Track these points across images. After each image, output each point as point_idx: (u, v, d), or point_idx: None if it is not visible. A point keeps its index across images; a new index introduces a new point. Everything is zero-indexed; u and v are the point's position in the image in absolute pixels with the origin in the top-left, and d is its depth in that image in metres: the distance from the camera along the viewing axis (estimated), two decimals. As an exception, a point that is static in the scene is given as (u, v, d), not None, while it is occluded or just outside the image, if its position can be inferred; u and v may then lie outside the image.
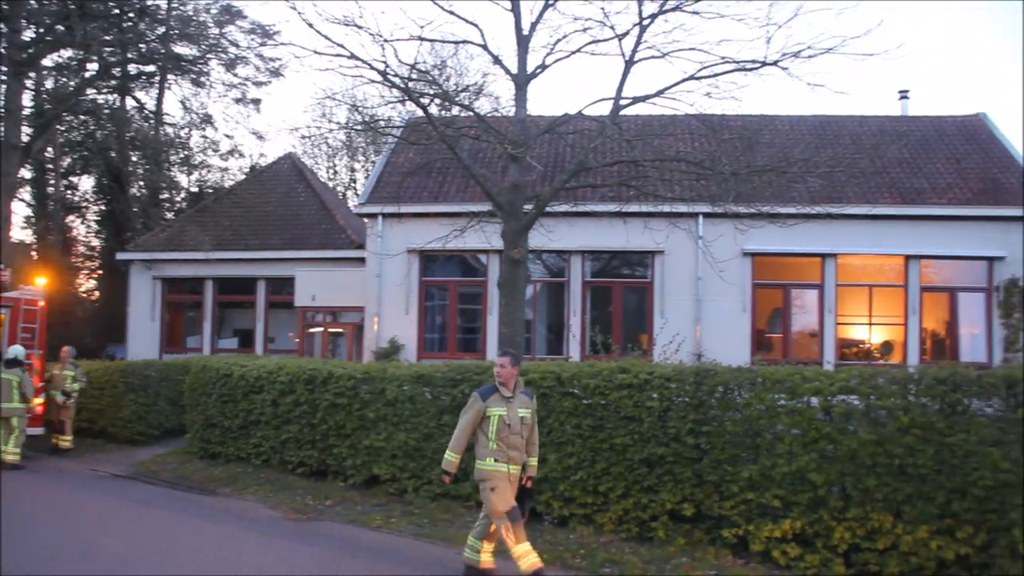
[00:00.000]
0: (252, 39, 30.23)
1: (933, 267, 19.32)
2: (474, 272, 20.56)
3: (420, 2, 13.20)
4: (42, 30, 23.68)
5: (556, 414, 9.55)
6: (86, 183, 37.19)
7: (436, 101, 14.71)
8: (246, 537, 9.37)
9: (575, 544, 8.63)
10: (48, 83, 28.31)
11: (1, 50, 22.60)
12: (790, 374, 8.26)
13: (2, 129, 22.57)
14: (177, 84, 32.98)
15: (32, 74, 25.40)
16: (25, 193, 33.99)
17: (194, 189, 37.78)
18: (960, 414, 7.39)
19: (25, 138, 23.66)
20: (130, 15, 26.60)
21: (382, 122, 18.90)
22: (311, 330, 22.63)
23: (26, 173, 31.55)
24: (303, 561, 8.30)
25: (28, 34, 23.59)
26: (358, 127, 21.99)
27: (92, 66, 27.96)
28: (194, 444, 14.46)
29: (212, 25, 29.39)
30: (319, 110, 39.91)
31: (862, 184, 18.99)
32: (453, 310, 20.48)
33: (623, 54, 13.35)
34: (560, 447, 9.45)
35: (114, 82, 30.43)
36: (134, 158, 32.67)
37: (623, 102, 13.56)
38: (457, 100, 15.54)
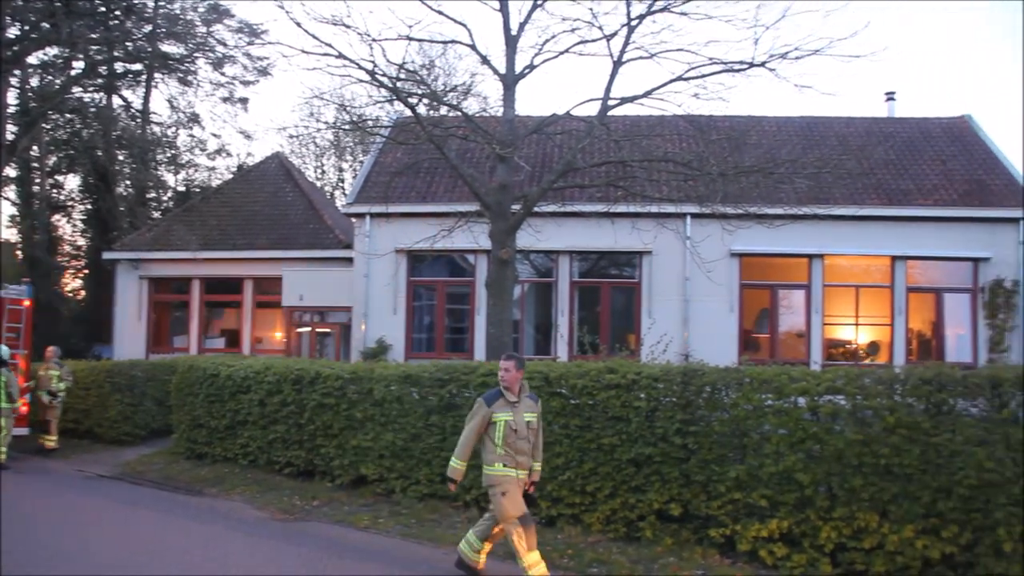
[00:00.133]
0: (240, 38, 30.16)
1: (919, 268, 19.42)
2: (462, 272, 20.55)
3: (408, 2, 13.17)
4: (27, 27, 23.56)
5: (544, 414, 9.55)
6: (72, 182, 37.03)
7: (424, 101, 14.72)
8: (233, 538, 9.34)
9: (563, 544, 8.63)
10: (33, 81, 28.17)
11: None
12: (777, 374, 8.28)
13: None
14: (164, 83, 32.86)
15: (17, 72, 25.30)
16: (10, 192, 33.80)
17: (181, 188, 37.62)
18: (945, 414, 7.43)
19: (10, 136, 23.56)
20: (116, 13, 26.47)
21: (370, 122, 18.89)
22: (299, 330, 22.57)
23: (11, 172, 31.35)
24: (290, 561, 8.28)
25: (13, 31, 23.48)
26: (346, 127, 21.93)
27: (78, 64, 27.82)
28: (181, 444, 14.40)
29: (199, 24, 29.28)
30: (307, 109, 39.88)
31: (849, 185, 19.08)
32: (441, 310, 20.46)
33: (611, 55, 13.39)
34: (548, 447, 9.43)
35: (100, 80, 30.28)
36: (120, 157, 32.49)
37: (611, 102, 13.59)
38: (445, 100, 15.56)
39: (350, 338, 20.62)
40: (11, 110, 24.16)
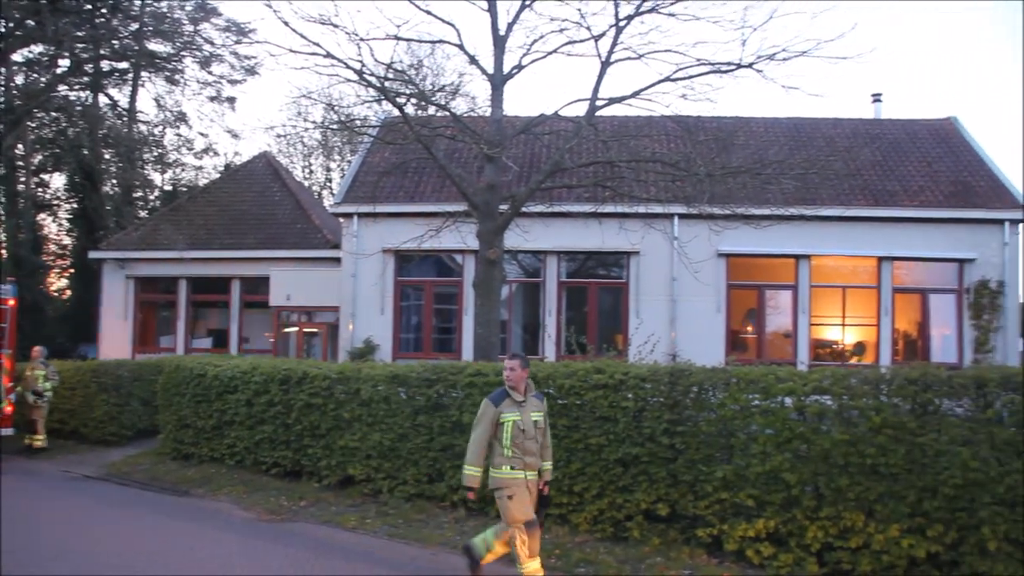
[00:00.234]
0: (227, 37, 30.13)
1: (905, 268, 19.52)
2: (450, 272, 20.53)
3: (396, 1, 13.10)
4: (12, 25, 23.41)
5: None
6: (58, 181, 36.90)
7: (412, 101, 14.70)
8: (219, 538, 9.30)
9: (550, 544, 8.62)
10: (18, 79, 28.02)
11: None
12: (764, 374, 8.30)
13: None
14: (151, 81, 32.80)
15: (2, 69, 25.12)
16: (-5, 190, 33.62)
17: (168, 188, 37.51)
18: (931, 414, 7.47)
19: (-5, 134, 23.41)
20: (103, 11, 26.37)
21: (358, 121, 18.85)
22: (286, 330, 22.51)
23: (-4, 170, 31.21)
24: (277, 562, 8.26)
25: (-2, 28, 23.35)
26: (334, 126, 21.91)
27: (64, 62, 27.71)
28: (167, 445, 14.34)
29: (186, 22, 29.22)
30: (295, 109, 39.88)
31: (836, 186, 19.15)
32: (428, 310, 20.45)
33: (599, 55, 13.40)
34: (535, 447, 9.45)
35: (86, 79, 30.15)
36: (107, 156, 32.36)
37: (599, 103, 13.60)
38: (433, 100, 15.54)
39: (337, 338, 20.59)
40: (-4, 108, 24.03)
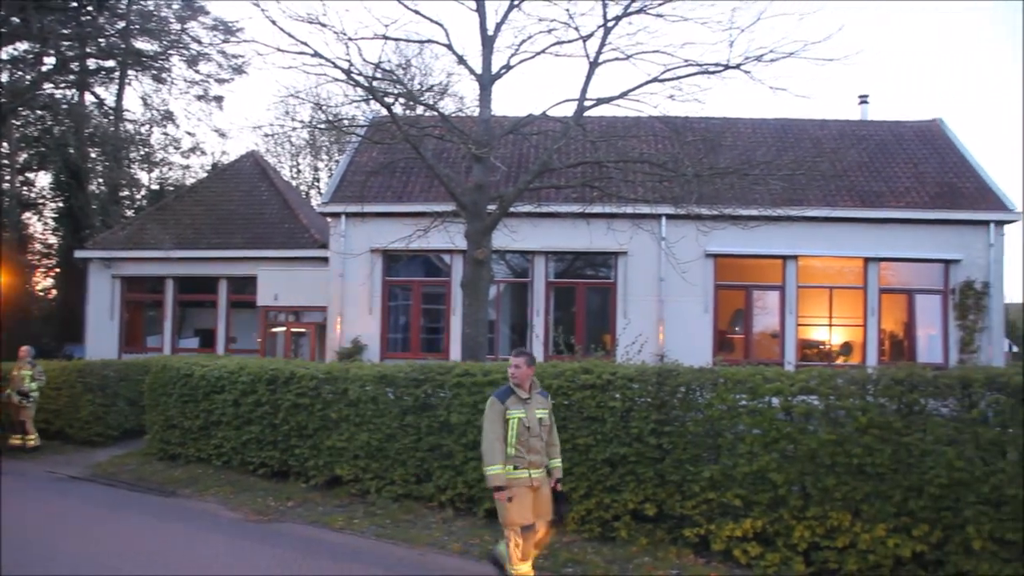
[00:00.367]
0: (214, 35, 30.04)
1: (891, 269, 19.61)
2: (438, 272, 20.52)
3: (385, 1, 13.08)
4: (-3, 22, 23.29)
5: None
6: (43, 179, 36.60)
7: (400, 100, 14.69)
8: (206, 539, 9.27)
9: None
10: (3, 76, 27.85)
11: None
12: (751, 375, 8.33)
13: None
14: (137, 80, 32.64)
15: (-13, 67, 24.98)
16: (-21, 189, 33.39)
17: (155, 187, 37.30)
18: (917, 414, 7.50)
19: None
20: (89, 8, 26.26)
21: (346, 121, 18.81)
22: (273, 330, 22.45)
23: (-20, 168, 31.00)
24: (264, 562, 8.24)
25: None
26: (322, 126, 21.85)
27: (49, 60, 27.56)
28: (154, 445, 14.27)
29: (173, 20, 29.11)
30: (282, 108, 39.67)
31: (822, 187, 19.24)
32: (417, 310, 20.43)
33: (587, 56, 13.42)
34: (523, 447, 9.45)
35: (72, 77, 29.99)
36: (93, 154, 32.18)
37: (587, 103, 13.63)
38: (421, 100, 15.52)
39: (325, 338, 20.54)
40: (-19, 106, 23.88)
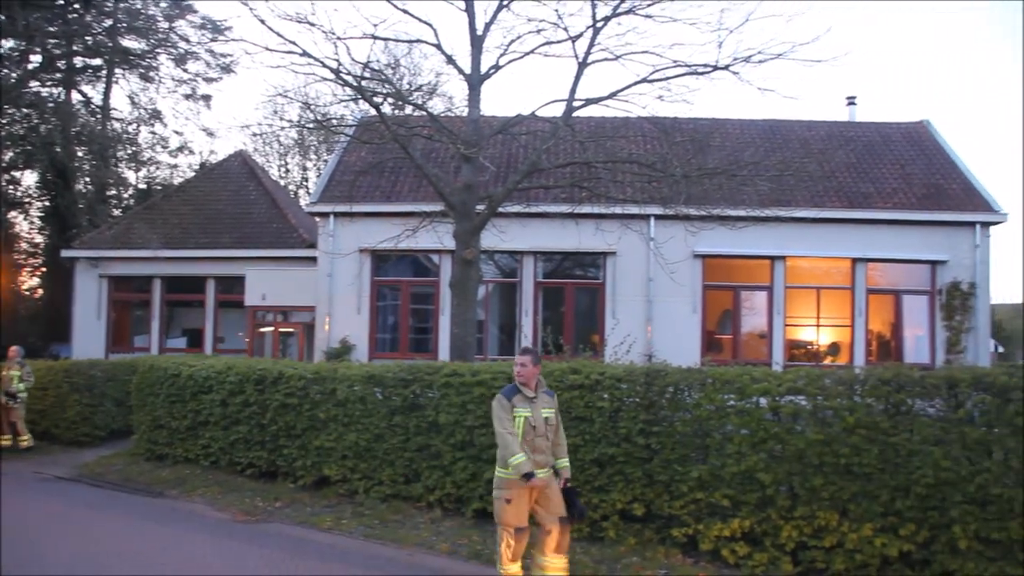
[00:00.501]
0: (203, 34, 29.95)
1: (879, 270, 19.68)
2: (426, 272, 20.50)
3: (374, 1, 13.04)
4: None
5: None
6: (29, 178, 36.33)
7: (389, 100, 14.67)
8: (194, 540, 9.23)
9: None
10: (-11, 74, 27.67)
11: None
12: (739, 375, 8.35)
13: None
14: (125, 78, 32.47)
15: (-28, 65, 24.81)
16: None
17: (142, 186, 37.12)
18: (904, 414, 7.54)
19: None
20: (75, 6, 26.12)
21: (334, 120, 18.80)
22: (261, 330, 22.39)
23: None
24: (252, 563, 8.21)
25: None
26: (310, 125, 21.77)
27: (35, 57, 27.39)
28: (141, 445, 14.21)
29: (161, 19, 29.01)
30: (271, 107, 39.63)
31: (810, 188, 19.31)
32: (405, 310, 20.40)
33: (576, 56, 13.42)
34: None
35: (59, 75, 29.84)
36: (80, 153, 31.97)
37: (576, 104, 13.63)
38: (410, 99, 15.50)
39: (314, 338, 20.49)
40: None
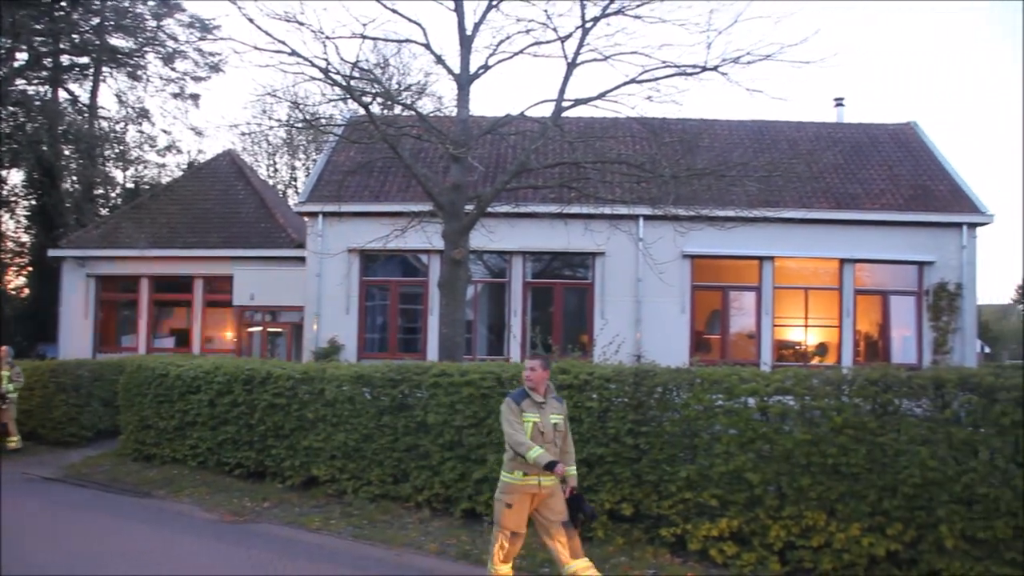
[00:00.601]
0: (191, 33, 29.81)
1: (866, 271, 19.77)
2: (415, 272, 20.48)
3: (363, 0, 12.99)
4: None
5: (496, 415, 9.54)
6: (15, 177, 36.12)
7: (378, 100, 14.63)
8: (181, 540, 9.20)
9: (515, 544, 8.63)
10: (-27, 72, 27.50)
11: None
12: (728, 375, 8.37)
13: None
14: (112, 77, 32.27)
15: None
16: (-50, 187, 32.99)
17: (130, 185, 36.96)
18: (891, 414, 7.57)
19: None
20: (62, 4, 25.98)
21: (323, 120, 18.78)
22: (250, 330, 22.34)
23: (-49, 166, 30.63)
24: (240, 564, 8.18)
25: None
26: (299, 125, 21.75)
27: (21, 55, 27.22)
28: (128, 446, 14.15)
29: (149, 17, 28.88)
30: (259, 107, 39.54)
31: (798, 189, 19.37)
32: (394, 310, 20.38)
33: (565, 56, 13.43)
34: (500, 448, 9.40)
35: (45, 73, 29.66)
36: (67, 152, 31.78)
37: (565, 104, 13.63)
38: (399, 99, 15.47)
39: (302, 338, 20.46)
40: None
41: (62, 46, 27.08)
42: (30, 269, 36.03)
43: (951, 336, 18.99)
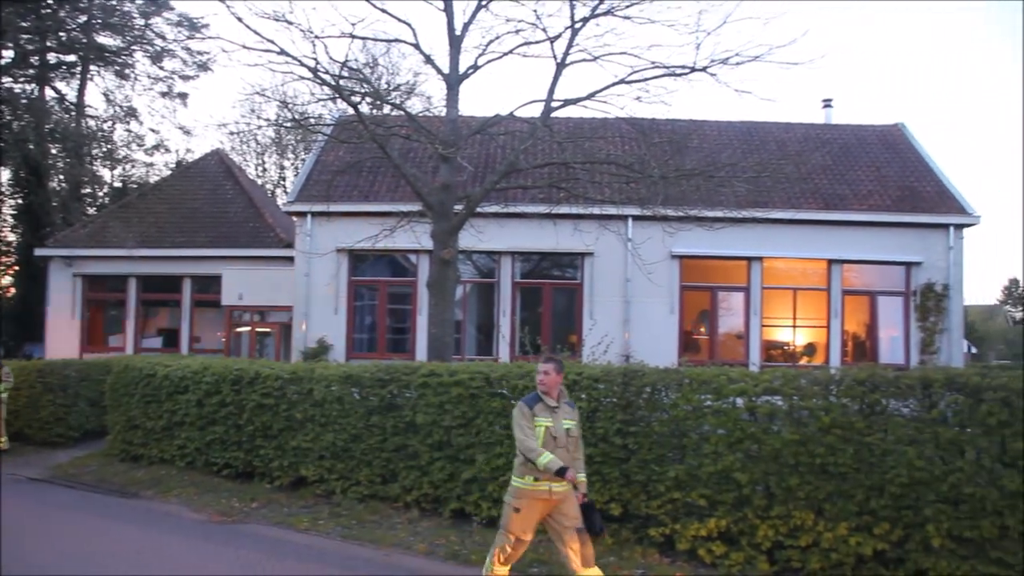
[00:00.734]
0: (179, 32, 29.75)
1: (854, 271, 19.85)
2: (404, 272, 20.46)
3: (352, 0, 12.96)
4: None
5: (485, 415, 9.56)
6: (2, 175, 36.02)
7: (367, 100, 14.59)
8: (169, 541, 9.17)
9: (504, 544, 8.63)
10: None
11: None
12: (716, 375, 8.38)
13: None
14: (100, 75, 32.19)
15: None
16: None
17: (117, 184, 36.87)
18: (878, 414, 7.60)
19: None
20: (49, 1, 25.84)
21: (312, 120, 18.68)
22: (238, 329, 22.27)
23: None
24: (228, 564, 8.16)
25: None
26: (288, 124, 21.71)
27: (7, 53, 27.07)
28: (116, 446, 14.10)
29: (137, 15, 28.80)
30: (248, 106, 39.44)
31: (787, 189, 19.43)
32: (383, 310, 20.34)
33: (555, 56, 13.42)
34: (489, 448, 9.46)
35: (32, 71, 29.52)
36: (54, 151, 31.66)
37: (554, 104, 13.63)
38: (388, 99, 15.44)
39: (290, 338, 20.40)
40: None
41: (49, 44, 26.95)
42: (16, 268, 35.87)
43: (938, 336, 19.09)
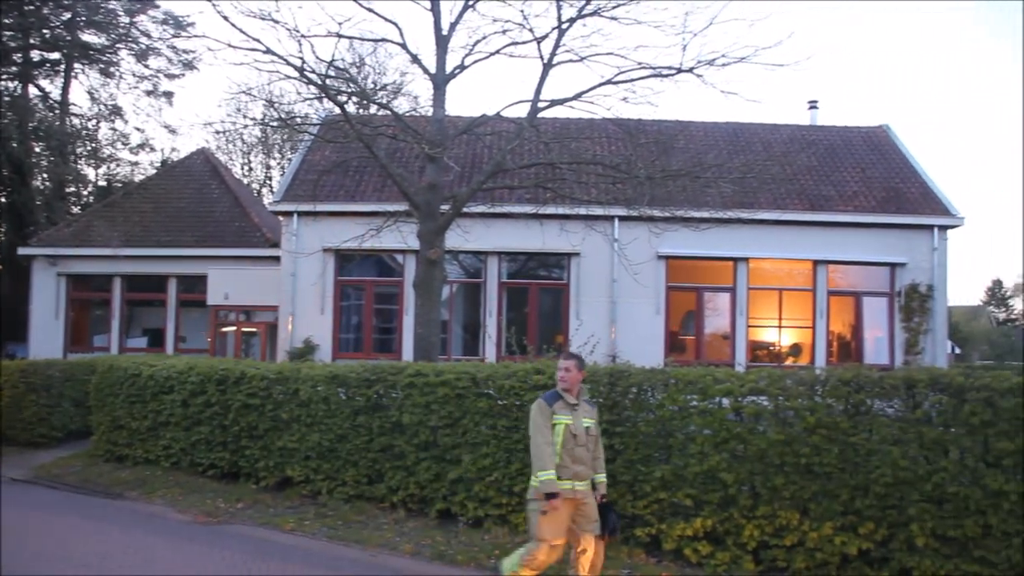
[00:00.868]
0: (165, 30, 29.63)
1: (840, 272, 19.95)
2: (390, 272, 20.43)
3: (339, -1, 12.92)
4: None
5: (471, 415, 9.55)
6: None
7: (354, 99, 14.57)
8: (154, 542, 9.12)
9: (490, 545, 8.63)
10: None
11: None
12: (702, 375, 8.40)
13: None
14: (84, 73, 32.04)
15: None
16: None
17: (102, 183, 36.65)
18: (863, 414, 7.64)
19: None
20: (33, -2, 25.70)
21: (298, 119, 18.61)
22: (224, 329, 22.20)
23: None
24: (214, 565, 8.13)
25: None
26: (274, 124, 21.67)
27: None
28: (100, 446, 14.01)
29: (122, 13, 28.66)
30: (234, 105, 39.32)
31: (773, 190, 19.51)
32: (369, 310, 20.31)
33: (542, 57, 13.43)
34: (475, 448, 9.45)
35: (15, 68, 29.33)
36: (37, 149, 31.47)
37: (541, 104, 13.63)
38: (375, 99, 15.42)
39: (276, 338, 20.35)
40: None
41: (32, 41, 26.79)
42: None
43: (922, 337, 19.22)
